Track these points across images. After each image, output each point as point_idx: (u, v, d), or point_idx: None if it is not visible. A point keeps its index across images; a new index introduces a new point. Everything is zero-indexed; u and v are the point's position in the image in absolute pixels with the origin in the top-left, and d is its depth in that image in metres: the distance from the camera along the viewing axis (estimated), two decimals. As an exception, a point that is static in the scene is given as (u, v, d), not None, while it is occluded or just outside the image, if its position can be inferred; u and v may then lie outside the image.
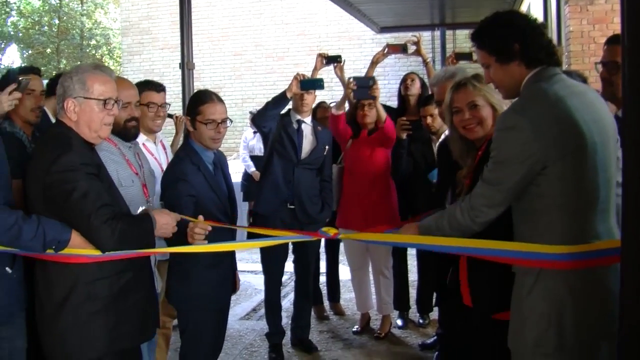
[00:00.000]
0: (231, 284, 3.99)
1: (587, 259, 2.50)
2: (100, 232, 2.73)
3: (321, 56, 5.62)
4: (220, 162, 3.95)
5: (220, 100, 3.82)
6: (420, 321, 6.20)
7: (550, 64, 2.68)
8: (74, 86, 2.93)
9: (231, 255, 3.95)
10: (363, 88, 5.43)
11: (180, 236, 3.20)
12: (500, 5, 8.79)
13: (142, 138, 4.31)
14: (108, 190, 2.92)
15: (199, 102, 3.78)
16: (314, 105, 5.81)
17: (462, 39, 13.62)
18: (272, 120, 5.27)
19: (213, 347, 3.90)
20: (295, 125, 5.41)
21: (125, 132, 3.57)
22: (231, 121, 3.85)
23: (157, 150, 4.56)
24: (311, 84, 5.18)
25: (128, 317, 2.96)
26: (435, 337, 5.58)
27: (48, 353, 2.97)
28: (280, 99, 5.18)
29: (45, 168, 2.77)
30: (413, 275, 6.42)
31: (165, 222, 2.98)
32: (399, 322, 6.18)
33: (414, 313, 6.31)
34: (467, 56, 5.82)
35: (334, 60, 5.67)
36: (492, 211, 2.69)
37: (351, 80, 5.47)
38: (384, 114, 5.51)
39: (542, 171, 2.52)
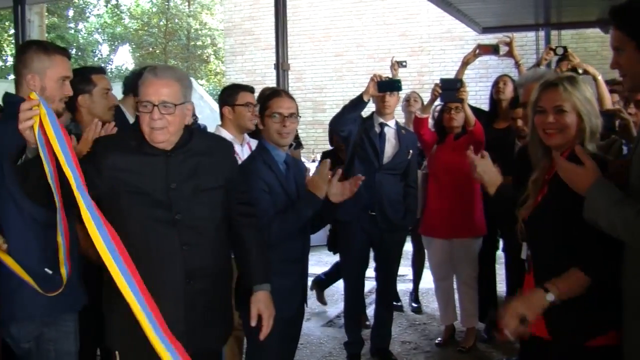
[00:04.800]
0: (302, 294, 3.86)
1: None
2: None
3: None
4: (292, 163, 3.84)
5: (290, 97, 3.77)
6: (509, 335, 5.88)
7: None
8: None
9: (302, 264, 3.81)
10: (450, 90, 5.22)
11: None
12: (611, 1, 8.32)
13: (229, 137, 4.29)
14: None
15: (267, 97, 3.76)
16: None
17: (567, 40, 12.89)
18: (350, 124, 5.11)
19: (279, 357, 3.78)
20: (377, 129, 5.24)
21: None
22: (299, 117, 3.78)
23: (242, 151, 4.51)
24: (389, 85, 4.97)
25: None
26: (521, 354, 5.28)
27: None
28: (357, 102, 4.99)
29: None
30: (501, 287, 6.11)
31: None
32: (485, 335, 5.90)
33: (502, 326, 6.00)
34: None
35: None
36: None
37: (437, 82, 5.27)
38: (472, 117, 5.28)
39: None
